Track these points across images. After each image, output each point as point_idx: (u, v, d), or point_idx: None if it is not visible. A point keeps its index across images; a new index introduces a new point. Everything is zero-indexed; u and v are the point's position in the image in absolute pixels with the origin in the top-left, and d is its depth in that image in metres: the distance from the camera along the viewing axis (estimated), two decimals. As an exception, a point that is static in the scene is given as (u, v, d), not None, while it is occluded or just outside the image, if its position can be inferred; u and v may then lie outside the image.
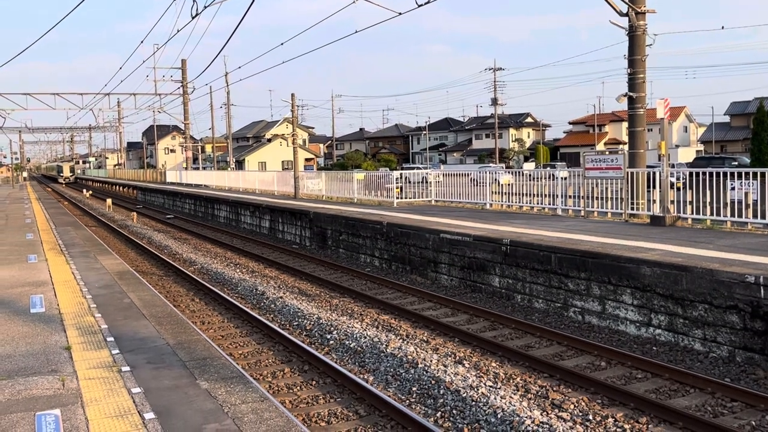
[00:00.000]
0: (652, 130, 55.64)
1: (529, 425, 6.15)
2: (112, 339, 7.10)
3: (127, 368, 6.09)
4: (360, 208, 20.59)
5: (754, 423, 6.38)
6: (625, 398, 6.96)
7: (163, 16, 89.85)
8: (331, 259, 17.39)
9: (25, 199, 38.24)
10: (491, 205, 18.69)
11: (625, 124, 43.32)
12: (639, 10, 14.18)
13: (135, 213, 32.47)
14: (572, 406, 6.79)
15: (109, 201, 39.59)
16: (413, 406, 7.08)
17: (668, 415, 6.51)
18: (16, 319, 8.04)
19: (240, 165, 70.00)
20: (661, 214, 13.12)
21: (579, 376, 7.64)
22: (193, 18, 14.08)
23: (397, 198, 21.65)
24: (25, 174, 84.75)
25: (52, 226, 20.82)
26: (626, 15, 14.27)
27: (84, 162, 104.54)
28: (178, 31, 18.28)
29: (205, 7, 14.25)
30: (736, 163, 34.38)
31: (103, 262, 12.87)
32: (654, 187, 13.78)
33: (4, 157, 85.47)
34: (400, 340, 9.11)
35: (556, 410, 6.70)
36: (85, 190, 56.84)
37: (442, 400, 7.07)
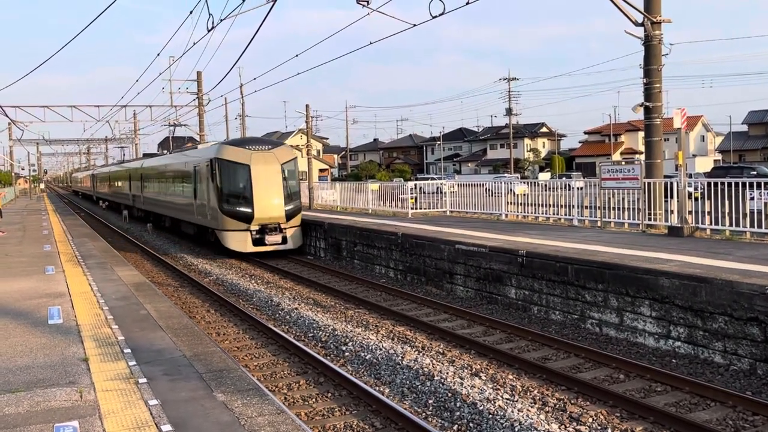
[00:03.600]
0: (669, 139, 55.24)
1: (547, 439, 6.08)
2: (129, 350, 7.13)
3: (144, 380, 6.11)
4: (375, 218, 20.59)
5: (777, 438, 6.27)
6: (645, 412, 6.87)
7: (179, 30, 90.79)
8: (346, 270, 17.38)
9: (42, 210, 38.61)
10: (506, 215, 18.61)
11: (641, 134, 43.07)
12: (654, 20, 14.12)
13: (150, 224, 32.66)
14: (591, 420, 6.71)
15: (125, 212, 39.83)
16: (429, 419, 7.04)
17: (689, 429, 6.42)
18: (34, 330, 8.09)
19: (255, 176, 70.16)
20: (679, 225, 12.99)
21: (597, 388, 7.56)
22: (209, 31, 14.18)
23: (412, 208, 21.63)
24: (42, 185, 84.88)
25: (69, 237, 20.98)
26: (642, 25, 14.21)
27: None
28: (194, 44, 18.43)
29: (221, 20, 14.35)
30: (755, 172, 33.97)
31: (120, 274, 12.94)
32: (671, 197, 13.66)
33: (22, 169, 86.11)
34: (416, 352, 9.08)
35: (575, 423, 6.63)
36: (101, 202, 57.32)
37: (458, 413, 7.02)
